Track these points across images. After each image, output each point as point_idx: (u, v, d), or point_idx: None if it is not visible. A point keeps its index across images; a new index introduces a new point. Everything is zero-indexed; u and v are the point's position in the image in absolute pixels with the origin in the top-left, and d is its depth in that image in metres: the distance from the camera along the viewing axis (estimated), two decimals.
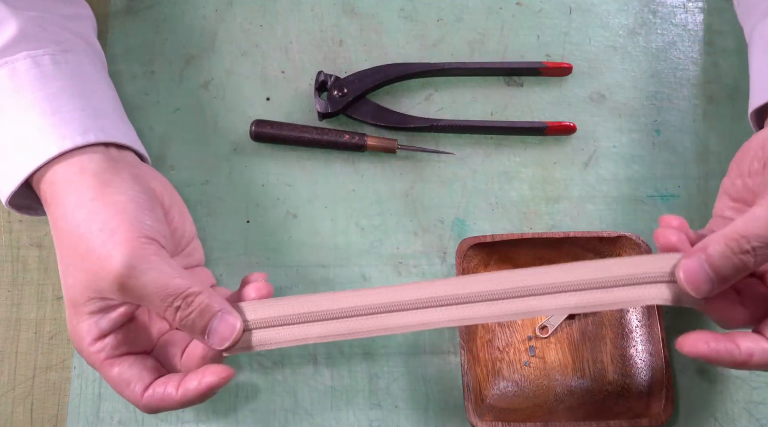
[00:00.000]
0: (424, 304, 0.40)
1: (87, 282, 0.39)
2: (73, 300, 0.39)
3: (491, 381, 0.48)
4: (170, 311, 0.39)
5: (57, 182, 0.40)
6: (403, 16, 0.57)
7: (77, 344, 0.40)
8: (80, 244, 0.39)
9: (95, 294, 0.39)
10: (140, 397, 0.39)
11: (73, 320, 0.40)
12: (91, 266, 0.38)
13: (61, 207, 0.40)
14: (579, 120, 0.54)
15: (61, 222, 0.40)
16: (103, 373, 0.40)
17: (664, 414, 0.44)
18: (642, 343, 0.48)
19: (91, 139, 0.41)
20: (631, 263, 0.39)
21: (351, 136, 0.52)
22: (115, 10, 0.57)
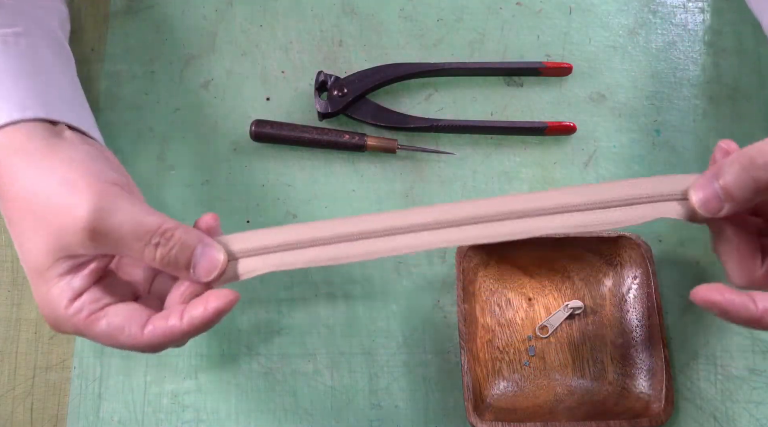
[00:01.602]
0: (416, 228, 0.39)
1: (50, 242, 0.36)
2: (36, 267, 0.37)
3: (491, 381, 0.48)
4: (149, 250, 0.37)
5: (8, 147, 0.38)
6: (403, 16, 0.57)
7: (50, 313, 0.37)
8: (37, 204, 0.36)
9: (62, 253, 0.36)
10: (140, 336, 0.37)
11: (41, 288, 0.37)
12: (53, 222, 0.36)
13: (8, 172, 0.38)
14: (579, 120, 0.54)
15: (10, 187, 0.37)
16: (89, 333, 0.37)
17: (664, 414, 0.44)
18: (642, 343, 0.48)
19: (29, 115, 0.39)
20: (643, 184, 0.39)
21: (351, 136, 0.52)
22: (115, 10, 0.57)
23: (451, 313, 0.50)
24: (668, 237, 0.52)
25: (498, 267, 0.50)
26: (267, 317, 0.50)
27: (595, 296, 0.50)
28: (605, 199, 0.39)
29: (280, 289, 0.51)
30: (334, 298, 0.51)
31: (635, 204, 0.39)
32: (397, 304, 0.51)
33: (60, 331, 0.38)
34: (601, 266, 0.50)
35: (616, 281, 0.50)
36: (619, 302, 0.49)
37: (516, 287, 0.51)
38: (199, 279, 0.38)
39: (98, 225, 0.36)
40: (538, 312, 0.50)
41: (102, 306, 0.38)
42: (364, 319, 0.50)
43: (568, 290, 0.50)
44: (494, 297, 0.50)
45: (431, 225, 0.40)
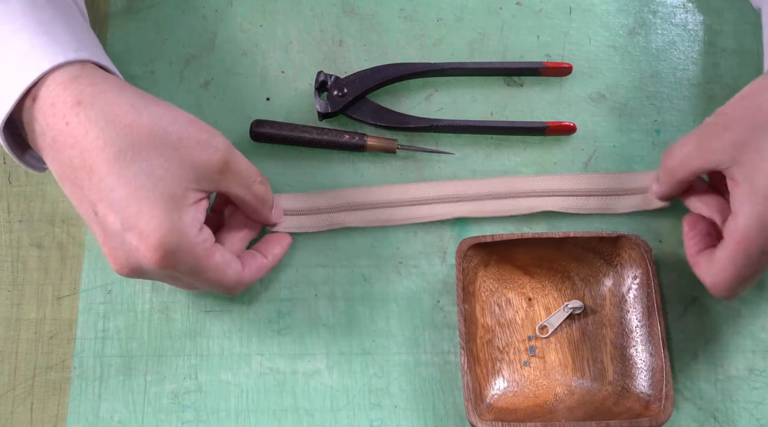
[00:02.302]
0: (442, 200, 0.51)
1: (184, 171, 0.39)
2: (171, 194, 0.39)
3: (491, 381, 0.48)
4: (255, 186, 0.45)
5: (97, 83, 0.40)
6: (403, 16, 0.57)
7: (178, 238, 0.39)
8: (170, 135, 0.39)
9: (193, 184, 0.40)
10: (242, 271, 0.44)
11: (173, 214, 0.39)
12: (190, 153, 0.40)
13: (124, 103, 0.39)
14: (579, 120, 0.54)
15: (130, 117, 0.39)
16: (206, 262, 0.41)
17: (664, 414, 0.44)
18: (642, 343, 0.48)
19: (84, 55, 0.41)
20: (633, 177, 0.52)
21: (351, 136, 0.52)
22: (115, 10, 0.57)
23: (451, 313, 0.50)
24: (668, 237, 0.52)
25: (498, 267, 0.50)
26: (267, 317, 0.50)
27: (595, 296, 0.50)
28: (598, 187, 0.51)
29: (280, 289, 0.51)
30: (334, 298, 0.51)
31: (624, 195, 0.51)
32: (397, 304, 0.51)
33: (171, 263, 0.40)
34: (601, 266, 0.50)
35: (616, 281, 0.50)
36: (619, 302, 0.49)
37: (516, 287, 0.51)
38: (275, 219, 0.49)
39: (230, 160, 0.42)
40: (538, 312, 0.50)
41: (213, 243, 0.42)
42: (364, 319, 0.50)
43: (568, 290, 0.50)
44: (494, 297, 0.50)
45: (444, 198, 0.51)
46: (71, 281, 0.51)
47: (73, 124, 0.39)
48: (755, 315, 0.50)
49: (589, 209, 0.51)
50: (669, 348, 0.48)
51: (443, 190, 0.51)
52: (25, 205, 0.53)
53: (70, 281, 0.51)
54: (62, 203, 0.53)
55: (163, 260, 0.39)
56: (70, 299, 0.51)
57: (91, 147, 0.38)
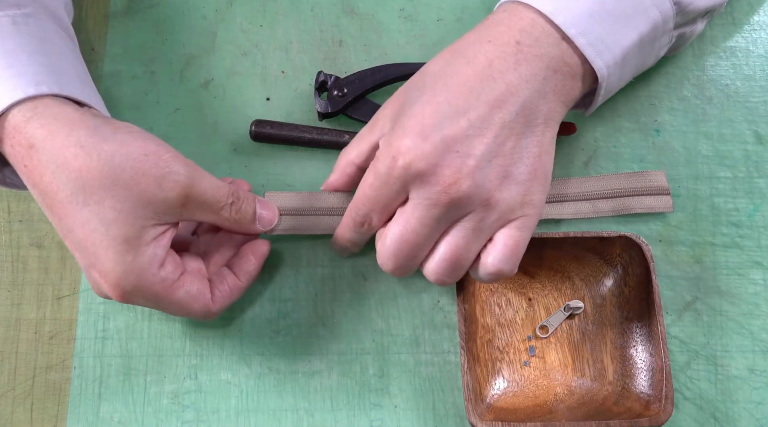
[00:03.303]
0: None
1: (139, 210, 0.38)
2: (124, 235, 0.38)
3: (491, 381, 0.48)
4: (226, 210, 0.43)
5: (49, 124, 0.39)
6: (403, 16, 0.57)
7: (134, 280, 0.39)
8: (121, 174, 0.38)
9: (150, 220, 0.39)
10: (211, 303, 0.43)
11: (126, 256, 0.38)
12: (145, 191, 0.38)
13: (72, 144, 0.38)
14: (579, 120, 0.54)
15: (79, 160, 0.38)
16: (168, 299, 0.41)
17: (664, 414, 0.44)
18: (642, 343, 0.48)
19: (44, 90, 0.40)
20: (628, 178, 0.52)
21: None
22: (115, 10, 0.57)
23: (451, 313, 0.50)
24: (668, 237, 0.52)
25: None
26: (267, 317, 0.50)
27: (595, 296, 0.50)
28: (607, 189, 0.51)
29: (280, 289, 0.51)
30: (334, 298, 0.51)
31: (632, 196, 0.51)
32: (397, 304, 0.51)
33: (130, 300, 0.40)
34: (601, 266, 0.50)
35: (616, 281, 0.50)
36: (619, 302, 0.49)
37: (516, 287, 0.51)
38: (263, 228, 0.46)
39: (191, 191, 0.40)
40: (538, 312, 0.50)
41: (179, 274, 0.41)
42: (364, 319, 0.50)
43: (568, 290, 0.50)
44: (494, 297, 0.50)
45: None
46: (71, 281, 0.51)
47: (29, 167, 0.39)
48: (755, 315, 0.50)
49: (602, 212, 0.51)
50: (669, 348, 0.48)
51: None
52: (25, 206, 0.53)
53: (70, 281, 0.51)
54: None
55: (123, 297, 0.40)
56: (70, 299, 0.51)
57: (47, 190, 0.39)
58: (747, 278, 0.51)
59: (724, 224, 0.52)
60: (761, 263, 0.51)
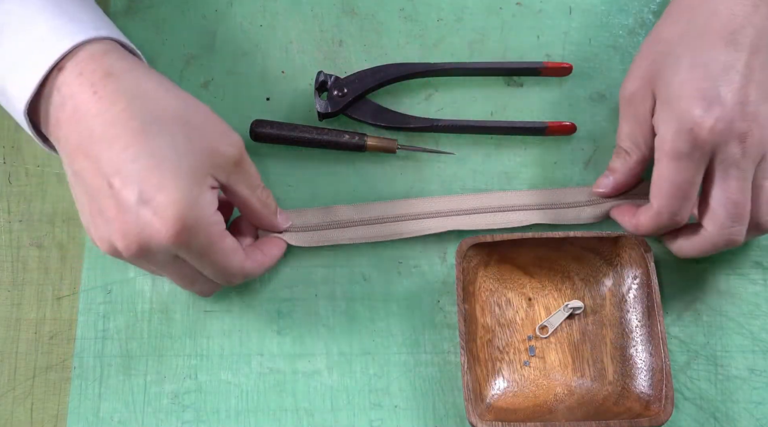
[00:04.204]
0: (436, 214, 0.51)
1: (205, 154, 0.40)
2: (194, 170, 0.39)
3: (491, 381, 0.48)
4: (260, 189, 0.45)
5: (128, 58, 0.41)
6: (403, 16, 0.57)
7: (195, 214, 0.39)
8: (196, 118, 0.40)
9: (211, 169, 0.41)
10: (246, 262, 0.44)
11: (193, 190, 0.39)
12: (212, 138, 0.41)
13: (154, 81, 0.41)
14: (579, 120, 0.54)
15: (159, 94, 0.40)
16: (218, 244, 0.42)
17: (664, 414, 0.44)
18: (642, 343, 0.48)
19: (103, 33, 0.41)
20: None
21: (351, 136, 0.52)
22: (115, 10, 0.57)
23: (451, 313, 0.50)
24: None
25: (498, 267, 0.50)
26: (267, 317, 0.50)
27: (595, 296, 0.50)
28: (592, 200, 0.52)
29: (281, 289, 0.51)
30: (334, 298, 0.51)
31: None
32: (397, 304, 0.51)
33: (186, 238, 0.39)
34: (601, 266, 0.50)
35: (616, 281, 0.50)
36: (619, 302, 0.49)
37: (516, 287, 0.51)
38: (281, 224, 0.49)
39: (244, 157, 0.43)
40: (538, 312, 0.50)
41: (226, 231, 0.43)
42: (364, 319, 0.50)
43: (568, 290, 0.50)
44: (494, 297, 0.50)
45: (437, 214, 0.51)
46: (71, 281, 0.51)
47: (101, 93, 0.39)
48: (755, 315, 0.50)
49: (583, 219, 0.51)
50: (669, 348, 0.48)
51: (436, 206, 0.51)
52: (25, 206, 0.53)
53: (70, 281, 0.51)
54: (62, 203, 0.53)
55: (179, 234, 0.39)
56: (70, 299, 0.51)
57: (118, 117, 0.39)
58: (747, 278, 0.51)
59: None
60: (761, 263, 0.51)
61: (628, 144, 0.48)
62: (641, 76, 0.46)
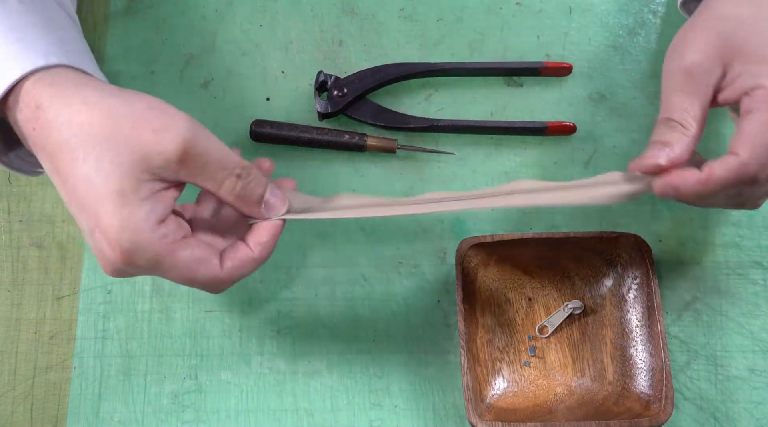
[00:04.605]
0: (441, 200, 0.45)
1: (136, 163, 0.37)
2: (119, 189, 0.36)
3: (491, 381, 0.48)
4: (230, 181, 0.39)
5: (57, 83, 0.39)
6: (403, 16, 0.57)
7: (132, 236, 0.36)
8: (122, 126, 0.37)
9: (147, 175, 0.37)
10: (220, 269, 0.39)
11: (122, 211, 0.36)
12: (142, 144, 0.37)
13: (78, 101, 0.38)
14: (579, 120, 0.54)
15: (83, 115, 0.37)
16: (171, 260, 0.38)
17: (664, 414, 0.44)
18: (642, 343, 0.48)
19: (53, 61, 0.40)
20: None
21: (351, 136, 0.52)
22: (115, 10, 0.57)
23: (451, 313, 0.50)
24: (668, 237, 0.52)
25: (498, 267, 0.50)
26: (267, 317, 0.50)
27: (595, 296, 0.50)
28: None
29: (280, 289, 0.51)
30: (334, 298, 0.51)
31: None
32: (397, 304, 0.51)
33: (131, 261, 0.37)
34: (601, 266, 0.50)
35: (616, 281, 0.50)
36: (619, 302, 0.49)
37: (516, 287, 0.51)
38: (268, 214, 0.42)
39: (191, 148, 0.37)
40: (538, 312, 0.50)
41: (182, 236, 0.38)
42: (364, 319, 0.50)
43: (568, 290, 0.50)
44: (494, 297, 0.50)
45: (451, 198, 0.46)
46: (71, 281, 0.51)
47: (37, 129, 0.39)
48: (755, 315, 0.50)
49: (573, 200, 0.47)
50: (669, 348, 0.48)
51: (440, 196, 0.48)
52: (25, 205, 0.53)
53: (70, 281, 0.51)
54: (62, 203, 0.52)
55: (123, 257, 0.37)
56: (70, 299, 0.51)
57: (53, 150, 0.38)
58: (747, 278, 0.51)
59: (724, 224, 0.52)
60: (761, 263, 0.51)
61: (684, 116, 0.44)
62: (704, 49, 0.44)
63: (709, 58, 0.44)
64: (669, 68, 0.45)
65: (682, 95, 0.45)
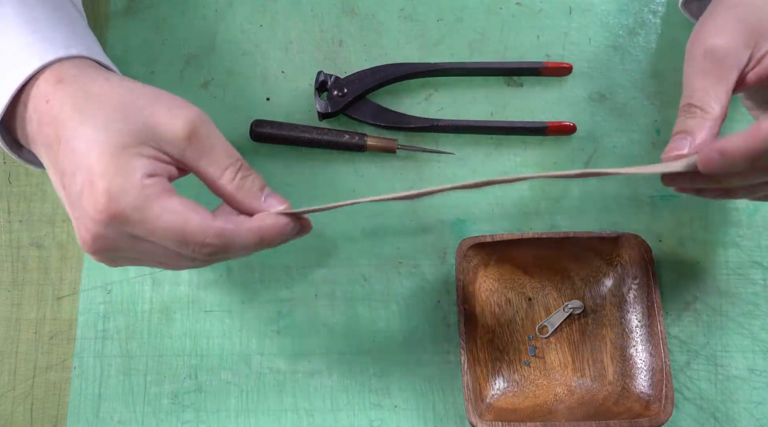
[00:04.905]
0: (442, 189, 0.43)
1: (144, 130, 0.37)
2: (123, 142, 0.37)
3: (491, 381, 0.48)
4: (231, 169, 0.40)
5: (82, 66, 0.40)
6: (403, 16, 0.57)
7: (119, 181, 0.36)
8: (137, 100, 0.38)
9: (153, 143, 0.38)
10: (212, 221, 0.38)
11: (120, 159, 0.36)
12: (155, 115, 0.38)
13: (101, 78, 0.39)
14: (579, 120, 0.54)
15: (103, 87, 0.39)
16: (161, 204, 0.37)
17: (664, 414, 0.44)
18: (642, 343, 0.48)
19: (73, 52, 0.41)
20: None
21: (351, 136, 0.52)
22: (115, 10, 0.57)
23: (451, 313, 0.50)
24: (668, 237, 0.52)
25: (498, 267, 0.50)
26: (267, 317, 0.50)
27: (595, 296, 0.50)
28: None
29: (280, 289, 0.51)
30: (334, 298, 0.51)
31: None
32: (397, 304, 0.51)
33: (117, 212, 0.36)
34: (601, 266, 0.50)
35: (616, 281, 0.50)
36: (619, 302, 0.49)
37: (516, 287, 0.51)
38: (268, 207, 0.41)
39: (199, 129, 0.39)
40: (538, 312, 0.50)
41: (171, 191, 0.38)
42: (364, 319, 0.50)
43: (568, 290, 0.50)
44: (494, 297, 0.50)
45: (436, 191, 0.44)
46: (71, 281, 0.51)
47: (52, 101, 0.39)
48: (755, 315, 0.50)
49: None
50: (669, 348, 0.48)
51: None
52: (25, 205, 0.53)
53: (70, 281, 0.51)
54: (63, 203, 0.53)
55: (109, 207, 0.36)
56: (70, 299, 0.51)
57: (65, 117, 0.38)
58: (747, 278, 0.51)
59: (724, 224, 0.52)
60: (761, 263, 0.51)
61: (707, 100, 0.44)
62: (729, 32, 0.44)
63: (733, 41, 0.43)
64: (691, 52, 0.44)
65: (703, 78, 0.44)
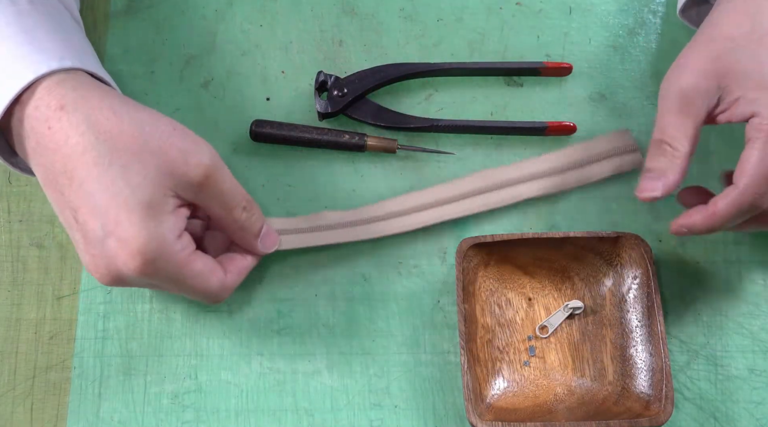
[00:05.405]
0: (422, 208, 0.51)
1: (162, 178, 0.38)
2: (148, 200, 0.38)
3: (491, 381, 0.48)
4: (237, 211, 0.43)
5: (81, 88, 0.40)
6: (403, 16, 0.57)
7: (157, 247, 0.38)
8: (150, 141, 0.39)
9: (170, 191, 0.39)
10: (226, 279, 0.43)
11: (151, 222, 0.38)
12: (170, 159, 0.39)
13: (106, 108, 0.39)
14: (579, 120, 0.54)
15: (112, 123, 0.38)
16: (187, 270, 0.40)
17: (663, 414, 0.44)
18: (642, 343, 0.48)
19: (68, 64, 0.40)
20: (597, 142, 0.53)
21: (351, 136, 0.52)
22: (115, 10, 0.57)
23: (451, 313, 0.50)
24: (668, 237, 0.52)
25: (498, 267, 0.50)
26: (267, 317, 0.50)
27: (595, 296, 0.50)
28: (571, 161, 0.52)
29: (280, 289, 0.51)
30: (334, 298, 0.51)
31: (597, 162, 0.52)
32: (397, 304, 0.51)
33: (153, 270, 0.39)
34: (601, 266, 0.50)
35: (616, 281, 0.50)
36: (619, 302, 0.49)
37: (516, 287, 0.51)
38: (263, 250, 0.46)
39: (213, 175, 0.40)
40: (538, 312, 0.50)
41: (194, 249, 0.41)
42: (364, 319, 0.50)
43: (568, 290, 0.50)
44: (494, 297, 0.50)
45: (432, 204, 0.51)
46: (71, 281, 0.51)
47: (54, 128, 0.39)
48: (755, 315, 0.50)
49: (569, 184, 0.52)
50: (669, 348, 0.48)
51: (426, 198, 0.51)
52: (25, 205, 0.53)
53: (70, 281, 0.51)
54: None
55: (143, 267, 0.38)
56: (70, 299, 0.51)
57: (72, 152, 0.38)
58: (747, 278, 0.51)
59: None
60: (761, 263, 0.51)
61: (678, 137, 0.45)
62: (701, 71, 0.45)
63: (704, 80, 0.45)
64: (665, 89, 0.46)
65: (673, 116, 0.46)
